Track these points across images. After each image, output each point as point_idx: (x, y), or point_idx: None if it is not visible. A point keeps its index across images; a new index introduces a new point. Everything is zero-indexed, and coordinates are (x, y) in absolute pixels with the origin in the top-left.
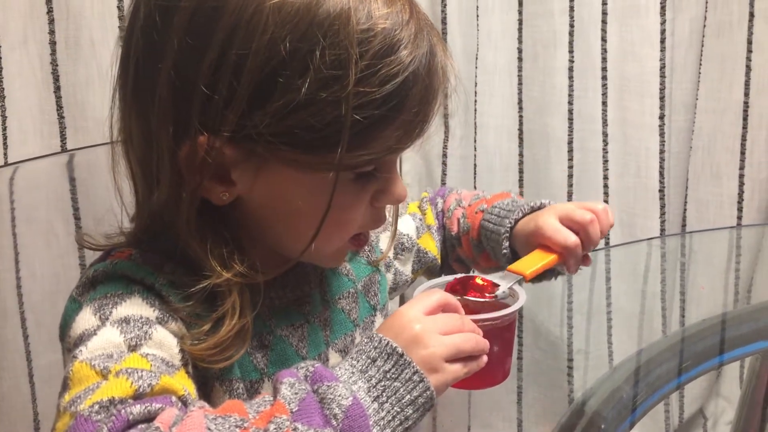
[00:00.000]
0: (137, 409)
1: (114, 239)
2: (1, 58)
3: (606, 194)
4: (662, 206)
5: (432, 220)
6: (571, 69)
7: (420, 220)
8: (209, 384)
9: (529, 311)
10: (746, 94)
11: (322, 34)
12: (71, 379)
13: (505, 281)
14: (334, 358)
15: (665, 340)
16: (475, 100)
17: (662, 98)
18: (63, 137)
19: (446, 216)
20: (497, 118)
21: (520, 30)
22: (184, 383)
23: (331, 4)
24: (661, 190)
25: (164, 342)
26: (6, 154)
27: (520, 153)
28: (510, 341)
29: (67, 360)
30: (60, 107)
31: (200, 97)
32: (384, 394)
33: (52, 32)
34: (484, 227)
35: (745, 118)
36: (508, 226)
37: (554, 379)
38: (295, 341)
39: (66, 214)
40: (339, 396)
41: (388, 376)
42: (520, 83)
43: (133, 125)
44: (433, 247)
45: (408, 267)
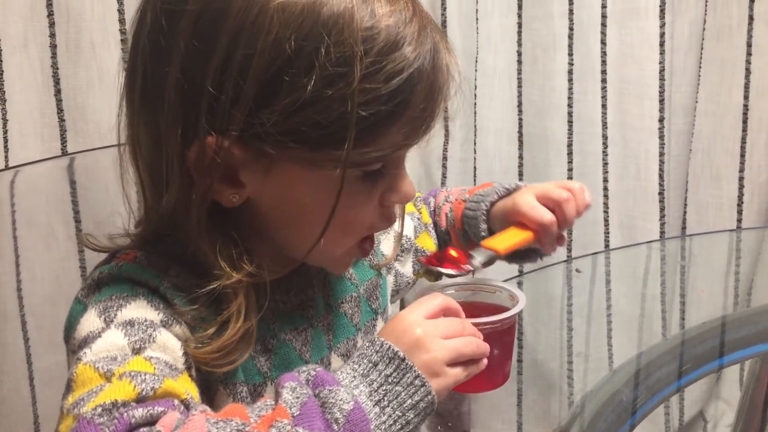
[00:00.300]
0: (140, 412)
1: (118, 240)
2: (2, 61)
3: (606, 197)
4: (662, 209)
5: (428, 218)
6: (570, 72)
7: (418, 219)
8: (213, 387)
9: (528, 314)
10: (746, 97)
11: (327, 33)
12: (75, 381)
13: (479, 256)
14: (336, 362)
15: (665, 343)
16: (474, 103)
17: (662, 101)
18: (63, 140)
19: (436, 213)
20: (497, 121)
21: (519, 33)
22: (187, 387)
23: (335, 3)
24: (660, 193)
25: (168, 345)
26: (7, 157)
27: (520, 156)
28: (510, 344)
29: (72, 361)
30: (60, 110)
31: (208, 98)
32: (385, 399)
33: (53, 35)
34: (465, 215)
35: (744, 121)
36: (485, 208)
37: (554, 381)
38: (298, 345)
39: (66, 217)
40: (340, 400)
41: (390, 380)
42: (519, 86)
43: (141, 131)
44: (431, 245)
45: (408, 268)
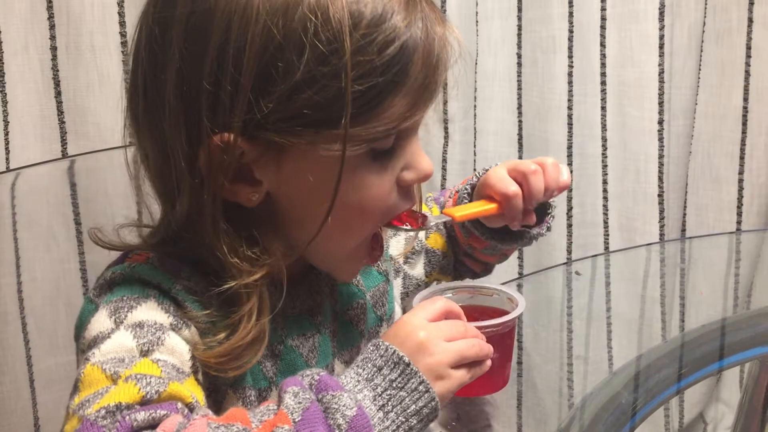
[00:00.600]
0: (141, 415)
1: (124, 234)
2: (3, 64)
3: (605, 199)
4: (661, 211)
5: (430, 209)
6: (570, 74)
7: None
8: (222, 391)
9: (528, 316)
10: (745, 99)
11: (312, 13)
12: (82, 381)
13: (435, 219)
14: (339, 369)
15: (665, 345)
16: (474, 106)
17: (661, 103)
18: (64, 142)
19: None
20: (497, 123)
21: (519, 36)
22: (192, 390)
23: None
24: (660, 195)
25: (176, 349)
26: (8, 159)
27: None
28: (510, 347)
29: (80, 361)
30: (61, 112)
31: (207, 96)
32: (389, 404)
33: (53, 38)
34: (457, 201)
35: (744, 123)
36: (469, 189)
37: (554, 384)
38: (305, 351)
39: (67, 219)
40: (343, 406)
41: (394, 385)
42: (519, 88)
43: (147, 144)
44: (441, 243)
45: (419, 270)
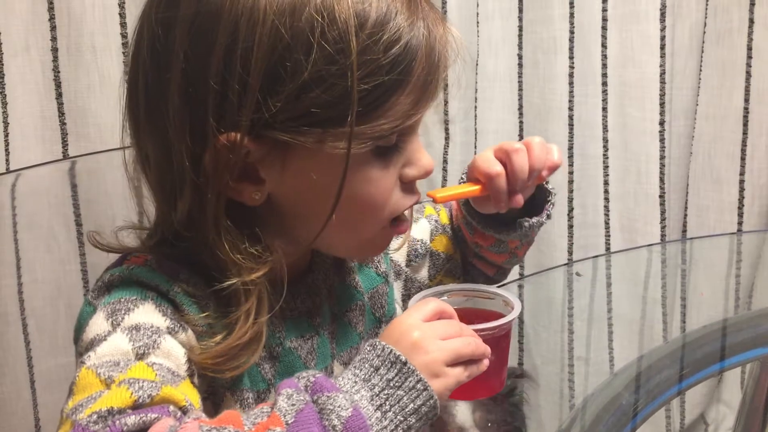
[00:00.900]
0: (132, 420)
1: (123, 237)
2: (3, 65)
3: (606, 200)
4: (662, 212)
5: (446, 219)
6: (571, 75)
7: (435, 221)
8: (220, 394)
9: (529, 317)
10: (746, 100)
11: (319, 14)
12: (77, 385)
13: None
14: (338, 371)
15: (666, 346)
16: (475, 106)
17: (662, 104)
18: (65, 143)
19: (453, 216)
20: (497, 124)
21: (520, 36)
22: (187, 393)
23: None
24: (661, 196)
25: (172, 352)
26: (8, 161)
27: None
28: (506, 351)
29: (77, 364)
30: (62, 113)
31: (214, 96)
32: (387, 403)
33: (54, 39)
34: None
35: (745, 124)
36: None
37: (554, 385)
38: (304, 353)
39: (67, 220)
40: (339, 407)
41: (392, 384)
42: (520, 89)
43: (148, 146)
44: (446, 247)
45: (423, 273)
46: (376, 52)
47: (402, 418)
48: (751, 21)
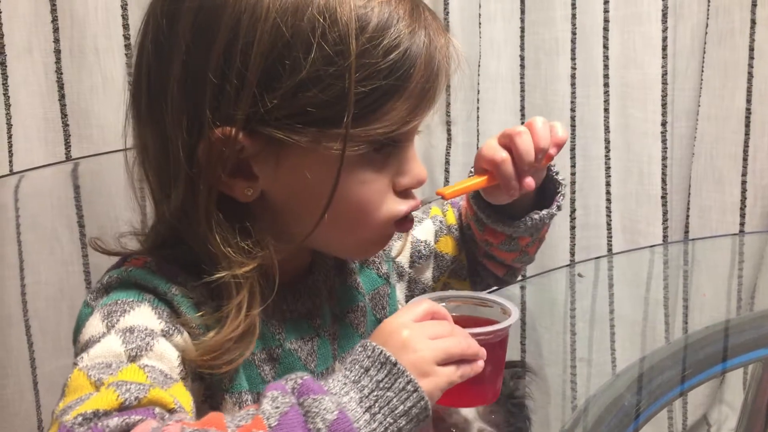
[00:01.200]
0: (114, 421)
1: (126, 242)
2: (7, 67)
3: (608, 201)
4: (665, 213)
5: (453, 219)
6: (573, 76)
7: (441, 222)
8: (217, 396)
9: (531, 318)
10: (748, 100)
11: (322, 15)
12: (68, 386)
13: (426, 200)
14: None
15: (668, 347)
16: (477, 108)
17: (664, 105)
18: (67, 145)
19: (462, 215)
20: (500, 125)
21: (522, 38)
22: (177, 396)
23: None
24: (663, 197)
25: (165, 355)
26: (11, 162)
27: None
28: (502, 358)
29: (72, 365)
30: (65, 115)
31: (212, 90)
32: (376, 405)
33: (57, 41)
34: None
35: (747, 124)
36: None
37: (557, 386)
38: (304, 355)
39: (70, 221)
40: (324, 410)
41: (381, 386)
42: (522, 90)
43: (148, 136)
44: (451, 248)
45: (427, 275)
46: (375, 56)
47: (392, 420)
48: (753, 22)
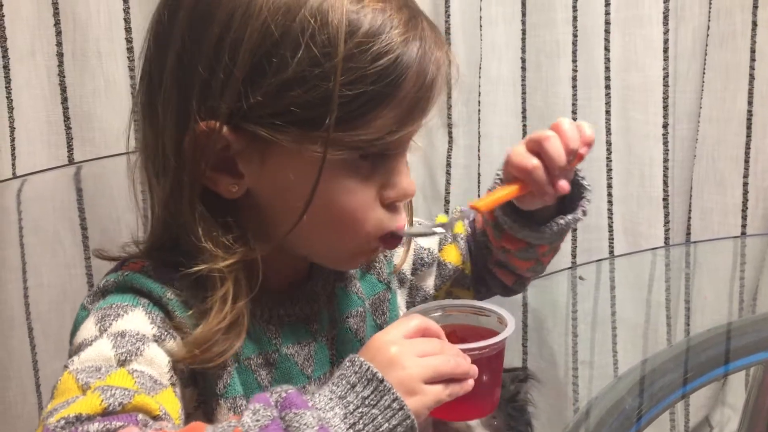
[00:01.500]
0: (95, 426)
1: (129, 250)
2: (10, 70)
3: (610, 203)
4: (666, 215)
5: (461, 229)
6: (574, 78)
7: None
8: (212, 402)
9: (533, 321)
10: (750, 102)
11: (313, 17)
12: (57, 389)
13: (458, 215)
14: None
15: (670, 349)
16: (478, 110)
17: (666, 107)
18: (70, 148)
19: (476, 220)
20: (501, 127)
21: (523, 40)
22: (164, 403)
23: None
24: (665, 199)
25: (155, 360)
26: (14, 165)
27: None
28: (498, 370)
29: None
30: (67, 118)
31: (200, 82)
32: (361, 422)
33: (60, 44)
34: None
35: (749, 126)
36: (497, 178)
37: (559, 388)
38: (300, 360)
39: (73, 224)
40: (305, 425)
41: (367, 402)
42: (523, 93)
43: (147, 129)
44: (454, 257)
45: (429, 283)
46: (362, 61)
47: None
48: (754, 24)
